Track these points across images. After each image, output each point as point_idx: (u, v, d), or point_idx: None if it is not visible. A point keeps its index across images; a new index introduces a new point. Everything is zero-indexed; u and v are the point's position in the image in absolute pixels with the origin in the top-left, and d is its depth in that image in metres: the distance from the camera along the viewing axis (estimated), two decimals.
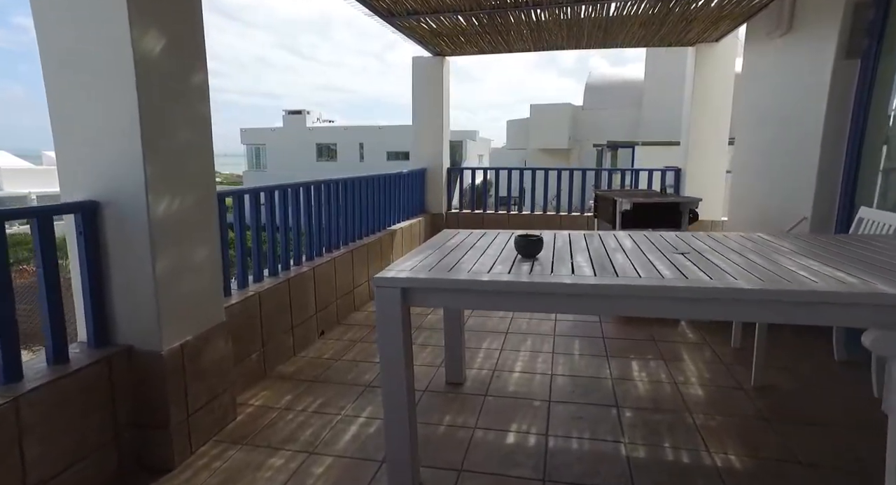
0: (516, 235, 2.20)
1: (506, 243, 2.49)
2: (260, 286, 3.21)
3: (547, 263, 2.04)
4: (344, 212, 4.53)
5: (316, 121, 38.08)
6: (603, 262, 2.04)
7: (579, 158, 24.73)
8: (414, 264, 2.04)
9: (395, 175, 5.85)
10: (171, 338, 2.17)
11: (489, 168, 7.35)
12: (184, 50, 2.20)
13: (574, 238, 2.60)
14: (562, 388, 2.95)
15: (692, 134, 6.33)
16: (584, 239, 2.57)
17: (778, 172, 4.23)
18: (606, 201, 4.57)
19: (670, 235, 2.66)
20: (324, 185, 4.17)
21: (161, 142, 2.09)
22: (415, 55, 6.83)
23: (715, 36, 5.95)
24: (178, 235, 2.21)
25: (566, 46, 6.41)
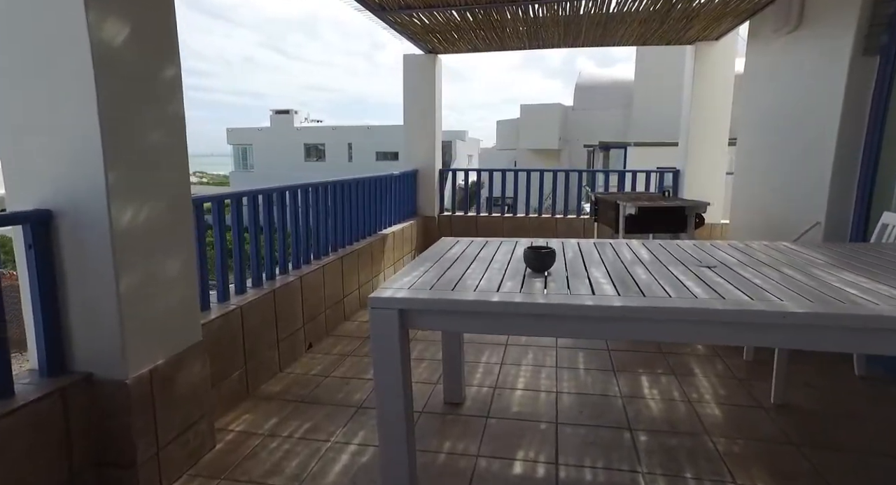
0: (526, 248, 1.98)
1: (511, 254, 2.28)
2: (242, 299, 2.96)
3: (561, 278, 1.83)
4: (333, 216, 4.29)
5: (304, 121, 37.67)
6: (623, 277, 1.83)
7: (569, 159, 24.64)
8: (412, 280, 1.82)
9: (387, 177, 5.62)
10: (138, 363, 1.93)
11: (483, 169, 7.15)
12: (152, 40, 1.95)
13: (585, 248, 2.39)
14: (569, 408, 2.74)
15: (692, 135, 6.17)
16: (597, 249, 2.36)
17: (787, 175, 4.06)
18: (607, 205, 4.38)
19: (687, 243, 2.47)
20: (311, 188, 3.93)
21: (126, 143, 1.85)
22: (406, 53, 6.60)
23: (715, 34, 5.79)
24: (146, 247, 1.96)
25: (562, 44, 6.22)
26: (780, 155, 4.21)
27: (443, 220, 6.97)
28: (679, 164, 6.50)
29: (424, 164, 6.80)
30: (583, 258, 2.17)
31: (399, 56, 6.68)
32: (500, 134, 27.81)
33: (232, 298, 2.94)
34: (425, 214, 6.84)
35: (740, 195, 5.13)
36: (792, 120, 4.00)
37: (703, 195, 6.00)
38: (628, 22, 5.31)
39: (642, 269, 1.95)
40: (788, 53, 4.09)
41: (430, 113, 6.69)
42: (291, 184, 3.67)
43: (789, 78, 4.07)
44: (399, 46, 6.17)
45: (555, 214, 6.87)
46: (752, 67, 4.88)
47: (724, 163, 6.27)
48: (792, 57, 4.04)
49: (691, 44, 6.12)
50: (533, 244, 2.17)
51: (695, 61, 6.06)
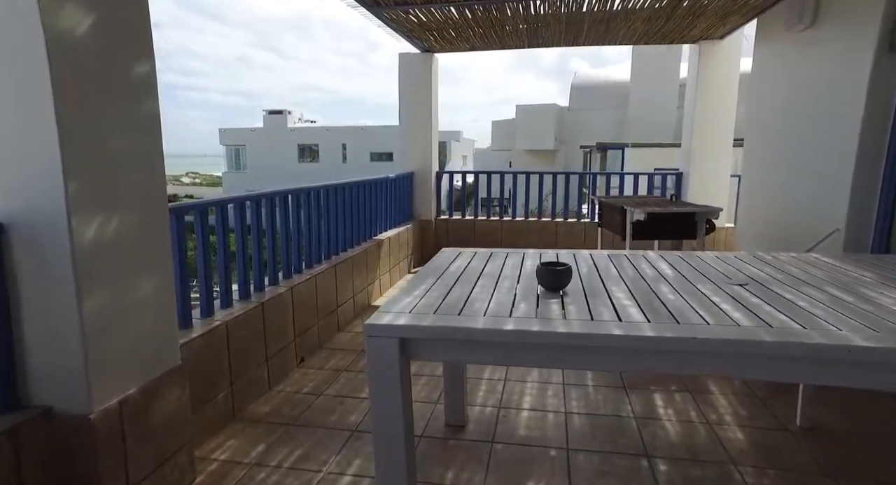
0: (539, 264, 1.79)
1: (520, 268, 2.08)
2: (228, 313, 2.75)
3: (579, 299, 1.63)
4: (326, 222, 4.08)
5: (297, 121, 37.37)
6: (648, 298, 1.64)
7: (565, 160, 24.51)
8: (413, 302, 1.62)
9: (382, 180, 5.42)
10: (104, 394, 1.71)
11: (481, 172, 6.95)
12: (120, 31, 1.75)
13: (600, 262, 2.19)
14: (580, 431, 2.54)
15: (696, 136, 6.00)
16: (612, 263, 2.17)
17: (801, 178, 3.89)
18: (613, 210, 4.19)
19: (709, 256, 2.28)
20: (303, 193, 3.72)
21: (90, 147, 1.64)
22: (402, 51, 6.39)
23: (720, 32, 5.62)
24: (115, 263, 1.75)
25: (562, 43, 6.04)
26: (794, 157, 4.04)
27: (440, 224, 6.77)
28: (682, 166, 6.33)
29: (421, 166, 6.59)
30: (599, 274, 1.98)
31: (394, 56, 6.49)
32: (496, 135, 27.65)
33: (217, 313, 2.73)
34: (422, 217, 6.64)
35: (748, 199, 4.95)
36: (808, 121, 3.83)
37: (707, 198, 5.83)
38: (632, 19, 5.13)
39: (667, 287, 1.76)
40: (803, 52, 3.92)
41: (427, 114, 6.49)
42: (282, 189, 3.46)
43: (804, 77, 3.90)
44: (394, 46, 5.98)
45: (555, 217, 6.68)
46: (761, 67, 4.70)
47: (729, 165, 6.10)
48: (807, 55, 3.86)
49: (695, 43, 5.95)
50: (542, 258, 1.98)
51: (699, 61, 5.89)
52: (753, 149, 4.86)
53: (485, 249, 2.51)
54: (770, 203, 4.41)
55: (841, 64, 3.41)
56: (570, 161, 24.06)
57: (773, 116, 4.41)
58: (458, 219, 6.82)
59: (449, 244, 6.73)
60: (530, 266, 2.15)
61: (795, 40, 3.99)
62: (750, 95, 4.95)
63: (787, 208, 4.09)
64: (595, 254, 2.35)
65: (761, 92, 4.68)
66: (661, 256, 2.26)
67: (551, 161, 24.78)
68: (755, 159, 4.80)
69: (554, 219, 6.64)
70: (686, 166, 6.20)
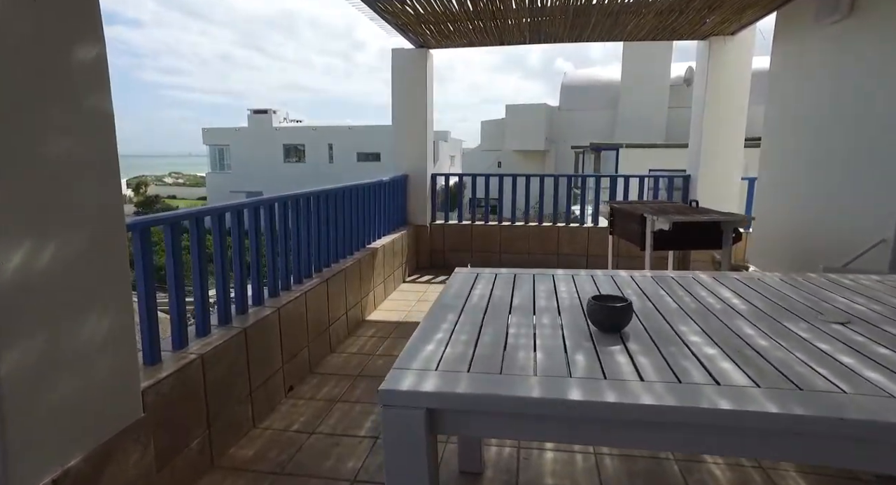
0: (590, 299, 1.43)
1: (556, 298, 1.73)
2: (205, 343, 2.36)
3: (646, 344, 1.29)
4: (316, 232, 3.70)
5: (282, 121, 36.70)
6: (733, 342, 1.30)
7: (556, 160, 24.28)
8: (436, 351, 1.26)
9: (376, 184, 5.04)
10: (33, 472, 1.33)
11: (478, 174, 6.59)
12: (57, 10, 1.36)
13: (646, 287, 1.85)
14: (615, 478, 2.20)
15: (706, 136, 5.70)
16: (661, 288, 1.83)
17: (835, 182, 3.59)
18: (629, 217, 3.86)
19: (772, 278, 1.95)
20: (290, 200, 3.33)
21: (15, 154, 1.26)
22: (395, 47, 6.02)
23: (732, 28, 5.33)
24: (52, 301, 1.37)
25: (566, 38, 5.71)
26: (825, 159, 3.74)
27: (435, 229, 6.41)
28: (690, 167, 6.04)
29: (415, 168, 6.23)
30: (653, 305, 1.64)
31: (380, 55, 6.19)
32: (485, 134, 27.35)
33: (191, 344, 2.34)
34: (416, 222, 6.28)
35: (766, 203, 4.67)
36: (843, 120, 3.54)
37: (717, 202, 5.53)
38: (643, 13, 4.82)
39: (747, 324, 1.42)
40: (838, 45, 3.62)
41: (422, 113, 6.12)
42: (267, 197, 3.08)
43: (840, 72, 3.60)
44: (381, 45, 5.62)
45: (556, 222, 6.35)
46: (783, 63, 4.41)
47: (740, 167, 5.82)
48: (844, 48, 3.56)
49: (704, 39, 5.66)
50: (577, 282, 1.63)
51: (708, 58, 5.59)
52: (773, 150, 4.57)
53: (506, 271, 2.16)
54: (795, 209, 4.12)
55: (886, 56, 3.11)
56: (561, 162, 23.83)
57: (801, 116, 4.12)
58: (454, 224, 6.47)
59: (445, 251, 6.38)
60: (567, 294, 1.80)
61: (828, 33, 3.70)
62: (770, 93, 4.65)
63: (818, 214, 3.80)
64: (637, 276, 2.01)
65: (785, 90, 4.39)
66: (717, 279, 1.92)
67: (541, 161, 24.53)
68: (775, 161, 4.51)
69: (555, 224, 6.31)
70: (694, 168, 5.91)
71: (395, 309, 4.73)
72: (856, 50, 3.45)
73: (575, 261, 6.19)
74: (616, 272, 2.06)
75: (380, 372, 3.35)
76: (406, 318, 4.47)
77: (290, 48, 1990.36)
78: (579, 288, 1.86)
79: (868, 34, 3.36)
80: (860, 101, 3.37)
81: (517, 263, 6.25)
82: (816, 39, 3.92)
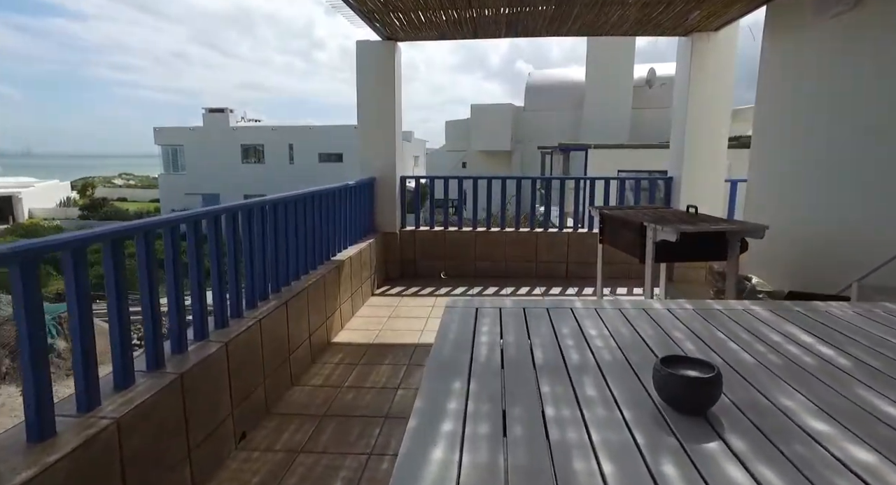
0: (657, 364, 1.02)
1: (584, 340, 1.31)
2: (125, 400, 1.85)
3: (747, 435, 0.88)
4: (273, 247, 3.20)
5: (240, 120, 35.41)
6: (875, 429, 0.90)
7: (522, 161, 24.11)
8: (448, 462, 0.82)
9: (341, 189, 4.55)
10: None
11: (452, 177, 6.17)
12: None
13: (694, 326, 1.46)
14: None
15: (689, 136, 5.44)
16: (712, 326, 1.43)
17: (845, 187, 3.32)
18: (625, 226, 3.50)
19: (846, 312, 1.58)
20: (241, 211, 2.82)
21: None
22: (359, 39, 5.53)
23: (717, 23, 5.07)
24: None
25: (544, 32, 5.35)
26: (831, 161, 3.48)
27: (405, 236, 5.94)
28: (672, 169, 5.77)
29: (383, 170, 5.75)
30: (723, 359, 1.23)
31: (342, 54, 5.69)
32: (450, 135, 26.97)
33: (105, 403, 1.82)
34: (385, 229, 5.80)
35: (758, 208, 4.41)
36: (853, 119, 3.27)
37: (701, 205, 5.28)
38: (627, 4, 4.49)
39: (870, 392, 1.04)
40: (846, 39, 3.36)
41: (390, 111, 5.65)
42: (212, 208, 2.57)
43: (843, 70, 3.34)
44: (342, 44, 5.19)
45: (534, 227, 5.99)
46: (777, 58, 4.16)
47: (724, 168, 5.59)
48: (852, 43, 3.30)
49: (686, 35, 5.40)
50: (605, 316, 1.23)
51: (691, 55, 5.33)
52: (767, 152, 4.32)
53: (512, 302, 1.73)
54: (794, 214, 3.86)
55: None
56: (527, 162, 23.67)
57: (799, 115, 3.86)
58: (426, 231, 6.02)
59: (416, 260, 5.93)
60: (600, 339, 1.39)
61: (833, 27, 3.43)
62: (760, 92, 4.40)
63: (821, 221, 3.54)
64: (676, 310, 1.61)
65: (778, 88, 4.14)
66: (779, 315, 1.54)
67: (507, 162, 24.32)
68: (770, 164, 4.25)
69: (533, 229, 5.94)
70: (676, 170, 5.65)
71: (365, 328, 4.25)
72: (862, 45, 3.18)
73: (555, 269, 5.84)
74: (649, 304, 1.66)
75: (349, 410, 2.88)
76: (377, 338, 3.99)
77: (247, 46, 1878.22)
78: (611, 329, 1.46)
79: (877, 27, 3.09)
80: (867, 98, 3.10)
81: (494, 272, 5.85)
82: (816, 34, 3.66)
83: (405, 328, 4.22)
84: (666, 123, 5.83)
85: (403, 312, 4.65)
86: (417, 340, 3.94)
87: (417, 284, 5.59)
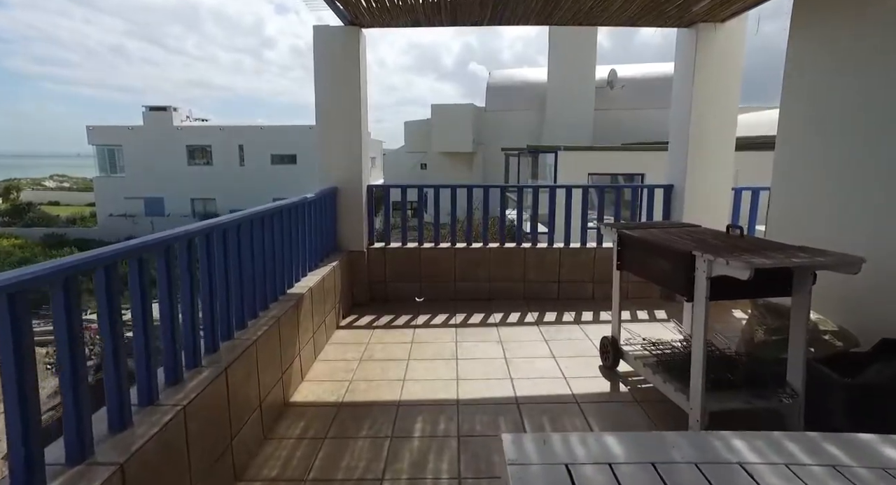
0: None
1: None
2: None
3: None
4: (208, 291, 2.35)
5: (185, 119, 33.41)
6: None
7: (484, 163, 23.56)
8: None
9: (297, 205, 3.70)
10: None
11: (426, 185, 5.39)
12: None
13: None
14: None
15: (693, 140, 4.86)
16: None
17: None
18: (660, 254, 2.82)
19: None
20: (157, 249, 1.96)
21: None
22: (317, 24, 4.68)
23: (725, 13, 4.51)
24: None
25: (533, 19, 4.65)
26: (886, 166, 2.91)
27: (374, 255, 5.13)
28: (672, 177, 5.19)
29: (347, 179, 4.91)
30: None
31: (292, 53, 4.98)
32: (409, 135, 26.13)
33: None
34: (350, 247, 4.96)
35: (788, 220, 3.84)
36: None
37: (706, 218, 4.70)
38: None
39: None
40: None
41: (354, 108, 4.81)
42: (107, 250, 1.71)
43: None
44: (293, 43, 4.40)
45: (520, 242, 5.29)
46: (808, 49, 3.59)
47: (731, 175, 5.05)
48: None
49: (690, 27, 4.82)
50: None
51: (696, 48, 4.75)
52: (795, 159, 3.74)
53: (623, 452, 0.97)
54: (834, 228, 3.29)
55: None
56: (490, 164, 23.13)
57: (846, 116, 3.29)
58: (398, 248, 5.22)
59: (387, 281, 5.12)
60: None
61: (886, 10, 2.86)
62: (786, 90, 3.83)
63: (873, 237, 2.97)
64: None
65: (811, 84, 3.57)
66: None
67: (469, 164, 23.71)
68: (802, 168, 3.68)
69: (520, 245, 5.24)
70: (678, 177, 5.07)
71: (331, 377, 3.42)
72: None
73: (545, 289, 5.16)
74: (736, 472, 0.94)
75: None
76: (347, 394, 3.17)
77: (192, 42, 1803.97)
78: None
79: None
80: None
81: (477, 294, 5.12)
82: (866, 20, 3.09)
83: (381, 377, 3.41)
84: (628, 124, 5.37)
85: (378, 352, 3.84)
86: (399, 395, 3.15)
87: (389, 310, 4.79)
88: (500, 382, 3.32)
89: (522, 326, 4.43)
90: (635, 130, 19.72)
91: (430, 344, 4.00)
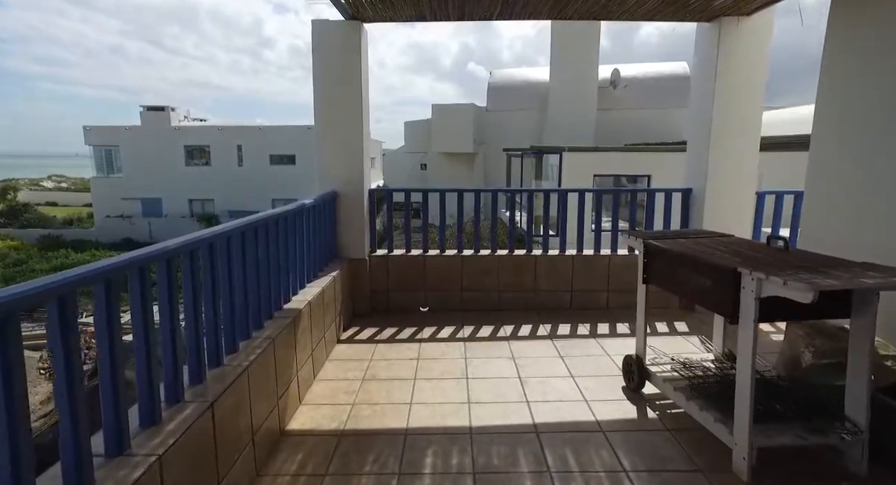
0: None
1: None
2: None
3: None
4: (192, 315, 2.07)
5: (183, 119, 33.11)
6: None
7: (485, 163, 23.28)
8: None
9: (294, 212, 3.41)
10: None
11: (432, 189, 5.10)
12: None
13: None
14: None
15: (715, 140, 4.58)
16: None
17: None
18: (697, 268, 2.54)
19: None
20: (132, 269, 1.68)
21: None
22: (316, 18, 4.40)
23: (751, 6, 4.23)
24: None
25: (546, 13, 4.38)
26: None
27: (376, 263, 4.84)
28: (691, 180, 4.91)
29: (347, 183, 4.62)
30: None
31: (291, 53, 4.69)
32: (409, 136, 25.87)
33: None
34: (351, 255, 4.68)
35: (826, 229, 3.56)
36: None
37: (728, 224, 4.44)
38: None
39: None
40: None
41: (355, 107, 4.53)
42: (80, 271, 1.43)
43: None
44: (291, 42, 4.09)
45: (531, 250, 5.00)
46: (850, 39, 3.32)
47: (755, 179, 4.77)
48: None
49: (711, 20, 4.54)
50: None
51: (718, 43, 4.47)
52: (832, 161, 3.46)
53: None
54: (891, 242, 3.01)
55: None
56: (491, 165, 22.84)
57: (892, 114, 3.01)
58: (401, 255, 4.94)
59: (390, 290, 4.84)
60: None
61: None
62: (822, 85, 3.55)
63: None
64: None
65: (853, 78, 3.29)
66: None
67: (470, 164, 23.42)
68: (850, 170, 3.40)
69: (530, 253, 4.96)
70: (698, 181, 4.78)
71: (332, 401, 3.14)
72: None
73: (557, 298, 4.88)
74: None
75: None
76: (350, 421, 2.89)
77: (191, 42, 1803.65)
78: None
79: None
80: None
81: (485, 305, 4.84)
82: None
83: (387, 400, 3.13)
84: (631, 125, 5.11)
85: (381, 371, 3.55)
86: (406, 421, 2.86)
87: (393, 322, 4.50)
88: (516, 406, 3.04)
89: (535, 339, 4.15)
90: (639, 131, 19.46)
91: (438, 361, 3.71)
